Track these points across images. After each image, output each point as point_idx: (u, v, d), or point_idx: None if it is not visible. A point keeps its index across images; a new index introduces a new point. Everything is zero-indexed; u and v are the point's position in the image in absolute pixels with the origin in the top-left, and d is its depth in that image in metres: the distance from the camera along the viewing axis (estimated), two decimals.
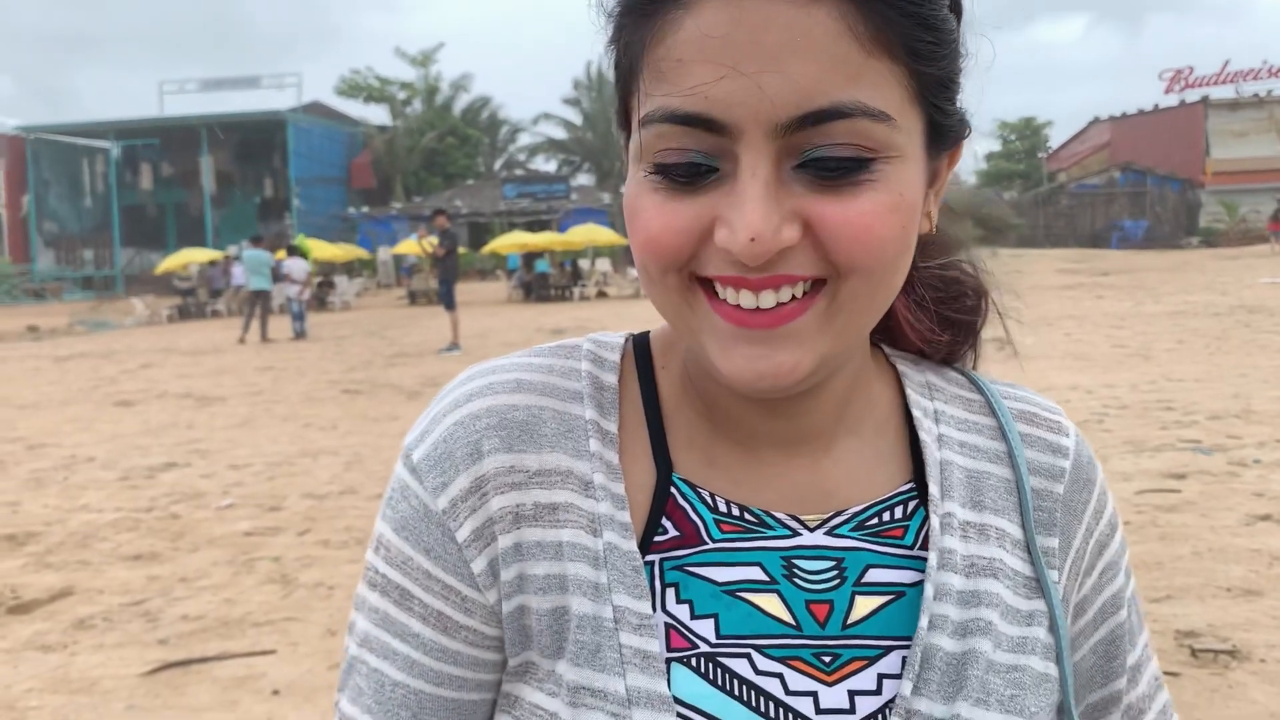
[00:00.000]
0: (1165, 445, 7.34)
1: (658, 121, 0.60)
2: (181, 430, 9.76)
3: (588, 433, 0.71)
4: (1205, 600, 4.47)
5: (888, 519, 0.72)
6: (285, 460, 8.07)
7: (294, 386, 12.58)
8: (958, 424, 0.76)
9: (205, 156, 42.09)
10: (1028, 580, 0.72)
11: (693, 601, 0.68)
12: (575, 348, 0.76)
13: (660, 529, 0.70)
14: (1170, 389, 9.73)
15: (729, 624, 0.67)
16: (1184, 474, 6.51)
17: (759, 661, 0.67)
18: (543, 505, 0.69)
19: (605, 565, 0.67)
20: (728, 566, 0.69)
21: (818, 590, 0.69)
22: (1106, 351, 12.65)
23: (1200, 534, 5.32)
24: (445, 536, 0.69)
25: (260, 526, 6.16)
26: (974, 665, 0.68)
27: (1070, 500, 0.75)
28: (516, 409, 0.70)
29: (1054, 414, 0.79)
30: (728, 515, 0.70)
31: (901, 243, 0.62)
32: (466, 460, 0.69)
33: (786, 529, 0.70)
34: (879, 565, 0.70)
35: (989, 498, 0.73)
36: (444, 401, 0.72)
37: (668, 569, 0.69)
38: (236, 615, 4.69)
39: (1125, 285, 20.40)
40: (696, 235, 0.61)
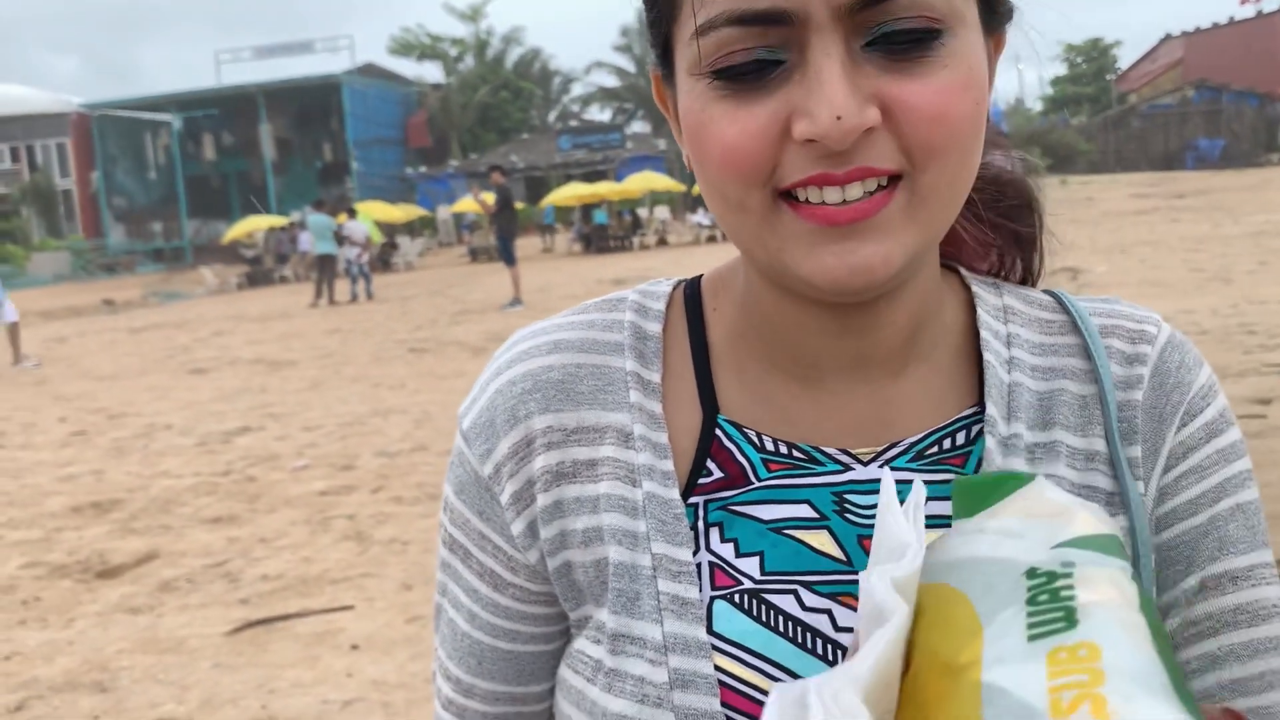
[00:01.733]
0: (1249, 370, 7.11)
1: (723, 25, 0.57)
2: (254, 395, 9.95)
3: (628, 384, 0.71)
4: None
5: (948, 446, 0.70)
6: (356, 420, 8.19)
7: (362, 347, 12.75)
8: (1031, 348, 0.73)
9: (264, 124, 42.57)
10: (1109, 496, 0.69)
11: (738, 540, 0.67)
12: (621, 300, 0.76)
13: (705, 471, 0.69)
14: (1252, 312, 9.41)
15: (775, 560, 0.66)
16: (1270, 399, 6.30)
17: (806, 598, 0.65)
18: (581, 461, 0.70)
19: (644, 514, 0.68)
20: (775, 504, 0.68)
21: (871, 525, 0.66)
22: (1184, 276, 12.28)
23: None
24: (492, 500, 0.72)
25: (334, 486, 6.26)
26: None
27: (1153, 406, 0.71)
28: (552, 369, 0.72)
29: (1139, 323, 0.74)
30: (775, 454, 0.69)
31: (975, 121, 0.61)
32: (507, 425, 0.71)
33: (838, 464, 0.69)
34: (936, 498, 0.66)
35: (1061, 415, 0.70)
36: (489, 369, 0.75)
37: (712, 510, 0.68)
38: (314, 573, 4.77)
39: (1202, 207, 19.77)
40: (776, 137, 0.59)
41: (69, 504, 6.33)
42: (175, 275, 33.82)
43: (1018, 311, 0.75)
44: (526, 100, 49.31)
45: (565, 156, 41.42)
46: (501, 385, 0.73)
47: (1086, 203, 24.72)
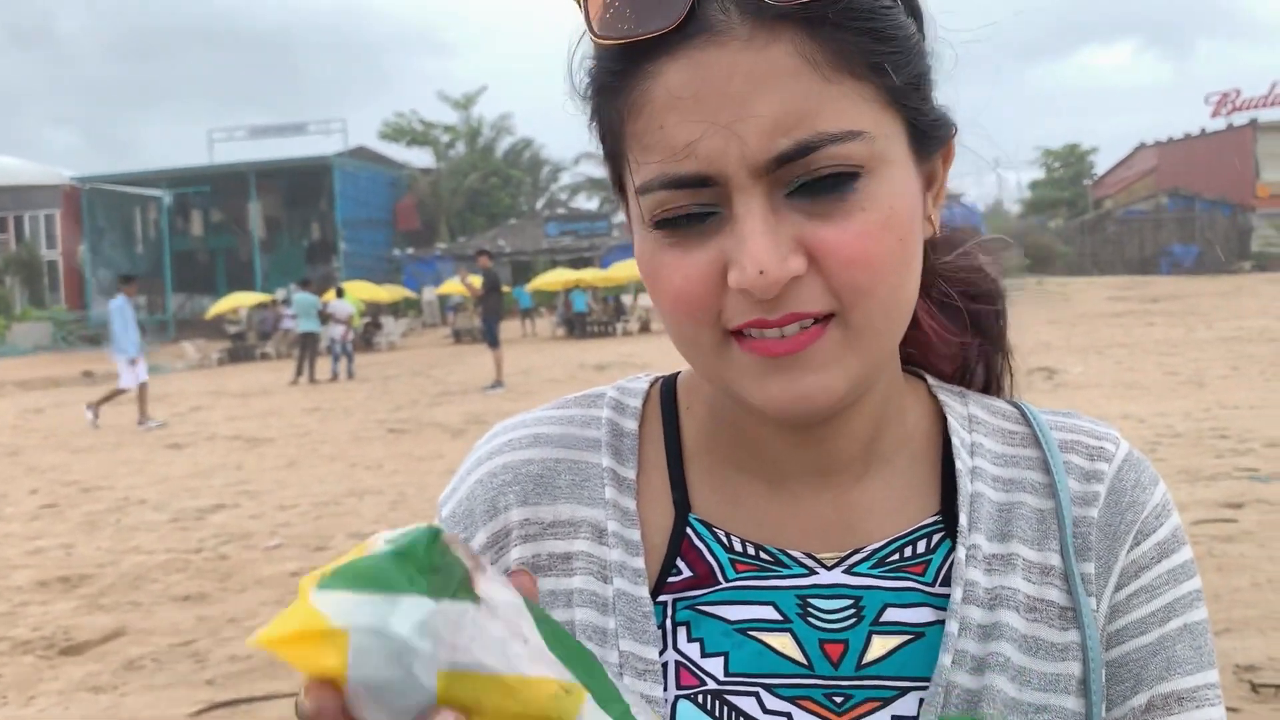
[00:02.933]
0: (1221, 474, 7.17)
1: (658, 189, 0.62)
2: (230, 471, 9.88)
3: (603, 480, 0.73)
4: (1266, 633, 4.34)
5: (909, 554, 0.71)
6: (332, 500, 8.13)
7: (340, 426, 12.69)
8: (993, 458, 0.75)
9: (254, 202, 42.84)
10: (1063, 610, 0.70)
11: (703, 640, 0.69)
12: (599, 396, 0.79)
13: (675, 569, 0.71)
14: (1225, 416, 9.52)
15: (738, 662, 0.68)
16: (1241, 503, 6.35)
17: (767, 700, 0.66)
18: (556, 555, 0.72)
19: (614, 611, 0.69)
20: (740, 605, 0.70)
21: (833, 630, 0.68)
22: (1158, 379, 12.43)
23: (1259, 564, 5.18)
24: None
25: (307, 566, 6.19)
26: (990, 703, 0.66)
27: (1108, 524, 0.73)
28: (532, 463, 0.74)
29: (1098, 439, 0.76)
30: (744, 555, 0.71)
31: (900, 258, 0.64)
32: (485, 516, 0.74)
33: (803, 567, 0.71)
34: (897, 605, 0.69)
35: (1018, 528, 0.71)
36: (471, 459, 0.77)
37: (680, 609, 0.70)
38: None
39: (1176, 311, 20.09)
40: (717, 282, 0.63)
41: (36, 578, 6.23)
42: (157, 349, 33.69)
43: (981, 421, 0.77)
44: (515, 187, 49.89)
45: (552, 242, 41.82)
46: (482, 476, 0.75)
47: (1063, 303, 25.07)
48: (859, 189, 0.62)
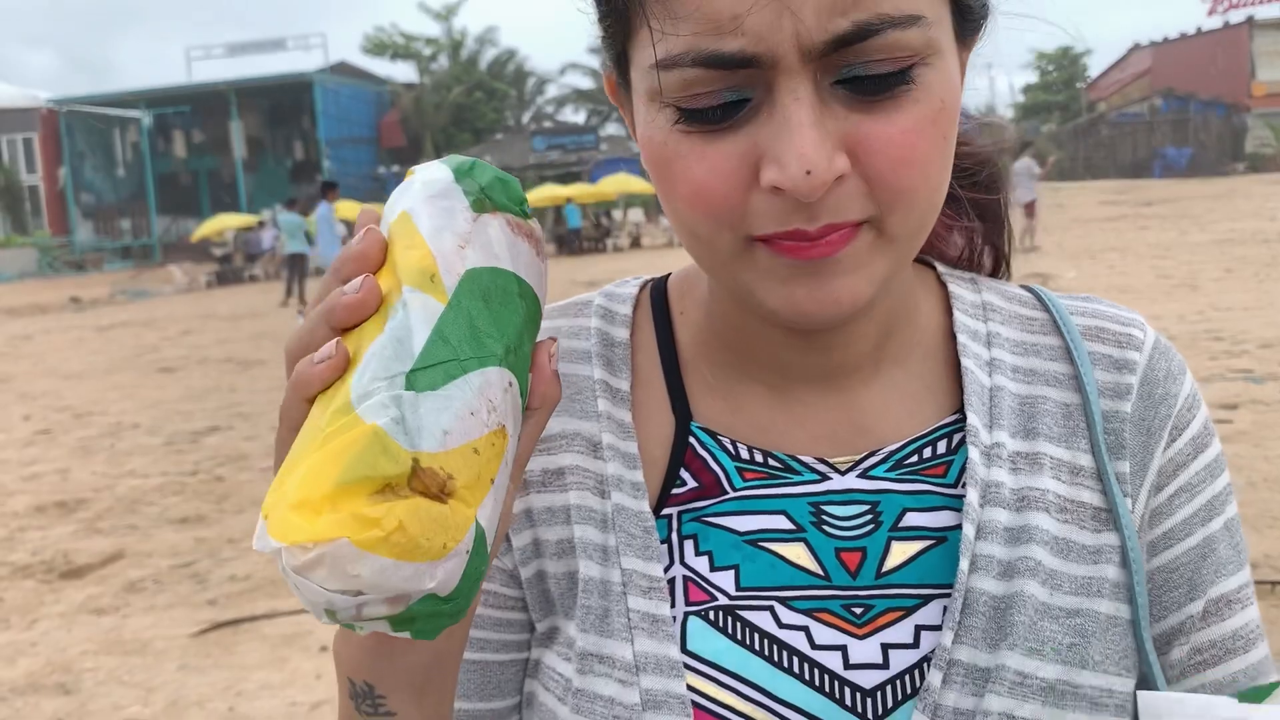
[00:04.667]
0: (1215, 375, 7.19)
1: (688, 65, 0.54)
2: (224, 394, 9.86)
3: (595, 393, 0.69)
4: (1261, 531, 4.38)
5: (929, 455, 0.67)
6: None
7: None
8: (1013, 347, 0.70)
9: (235, 122, 42.18)
10: (1096, 511, 0.66)
11: (712, 553, 0.65)
12: (586, 304, 0.74)
13: (678, 481, 0.67)
14: (1218, 318, 9.53)
15: (750, 575, 0.64)
16: (1236, 404, 6.38)
17: (783, 614, 0.63)
18: (549, 470, 0.68)
19: (613, 527, 0.65)
20: (750, 515, 0.66)
21: (849, 537, 0.64)
22: (1152, 283, 12.41)
23: (1254, 464, 5.21)
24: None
25: None
26: (1021, 609, 0.62)
27: (1142, 418, 0.68)
28: None
29: (1126, 326, 0.71)
30: (750, 462, 0.67)
31: (944, 156, 0.58)
32: None
33: (815, 473, 0.66)
34: (917, 509, 0.65)
35: (1044, 424, 0.67)
36: None
37: (685, 521, 0.66)
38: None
39: (1169, 215, 19.98)
40: (745, 180, 0.56)
41: (33, 503, 6.24)
42: (144, 273, 33.43)
43: (997, 308, 0.73)
44: (500, 101, 49.16)
45: (539, 158, 41.32)
46: None
47: (1057, 209, 24.92)
48: (914, 80, 0.55)
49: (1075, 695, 0.61)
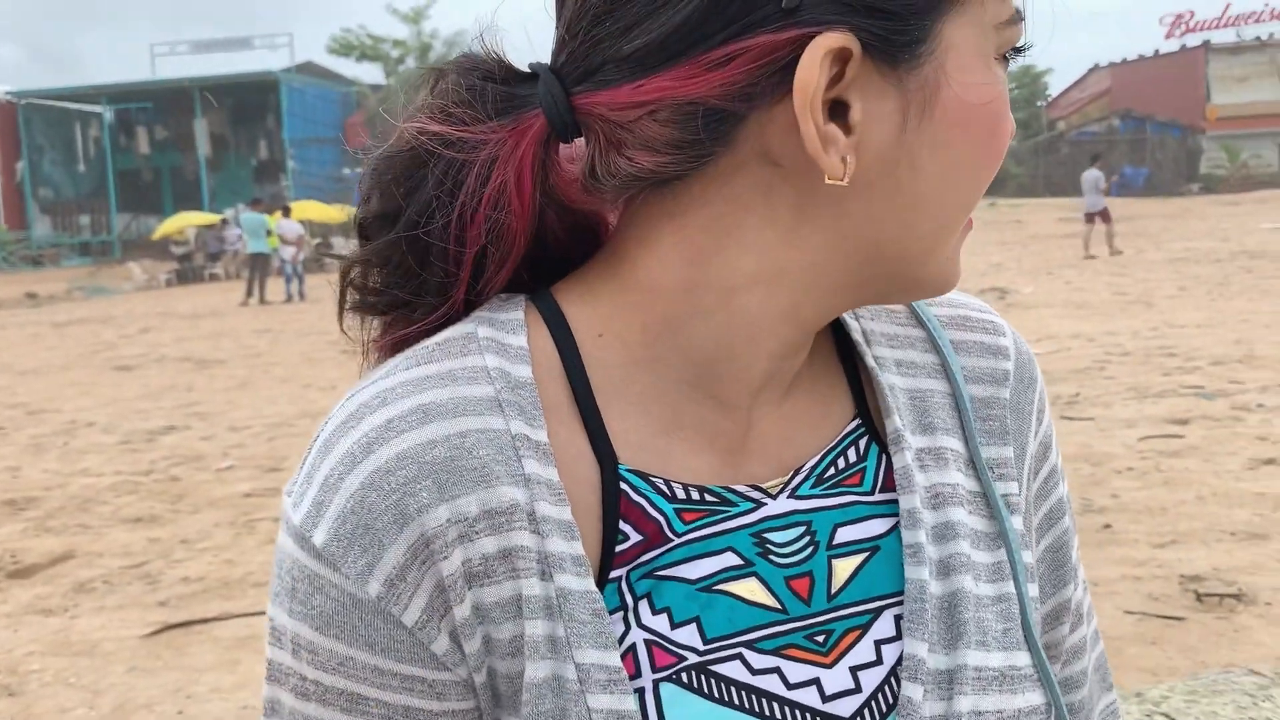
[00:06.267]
0: (1168, 391, 7.31)
1: (1018, 21, 0.59)
2: (181, 393, 9.74)
3: (518, 451, 0.58)
4: (1210, 544, 4.45)
5: (843, 465, 0.65)
6: (285, 421, 8.06)
7: (293, 348, 12.55)
8: (889, 341, 0.69)
9: (199, 119, 41.67)
10: (981, 497, 0.67)
11: (670, 608, 0.59)
12: (468, 339, 0.61)
13: (620, 536, 0.60)
14: (1172, 335, 9.69)
15: (713, 624, 0.60)
16: (1187, 419, 6.49)
17: (752, 659, 0.60)
18: (491, 556, 0.57)
19: (560, 614, 0.57)
20: (699, 560, 0.60)
21: (794, 563, 0.62)
22: (1108, 299, 12.59)
23: (1204, 478, 5.30)
24: (389, 624, 0.56)
25: (260, 488, 6.15)
26: (964, 605, 0.62)
27: (1017, 403, 0.70)
28: (435, 445, 0.57)
29: (987, 314, 0.73)
30: (688, 501, 0.61)
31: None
32: (392, 529, 0.56)
33: (750, 501, 0.62)
34: (846, 522, 0.64)
35: (937, 418, 0.67)
36: (331, 458, 0.58)
37: (635, 580, 0.59)
38: (237, 576, 4.68)
39: (1126, 233, 20.26)
40: None
41: None
42: (102, 270, 32.94)
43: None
44: None
45: None
46: (369, 479, 0.56)
47: (1016, 225, 25.22)
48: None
49: (1017, 677, 0.62)
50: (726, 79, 0.54)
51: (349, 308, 0.66)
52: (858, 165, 0.56)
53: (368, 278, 0.64)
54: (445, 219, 0.60)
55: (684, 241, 0.59)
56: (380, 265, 0.63)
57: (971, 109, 0.57)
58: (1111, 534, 4.56)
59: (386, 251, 0.62)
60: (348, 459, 0.57)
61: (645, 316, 0.62)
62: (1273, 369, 7.87)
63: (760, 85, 0.54)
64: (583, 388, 0.61)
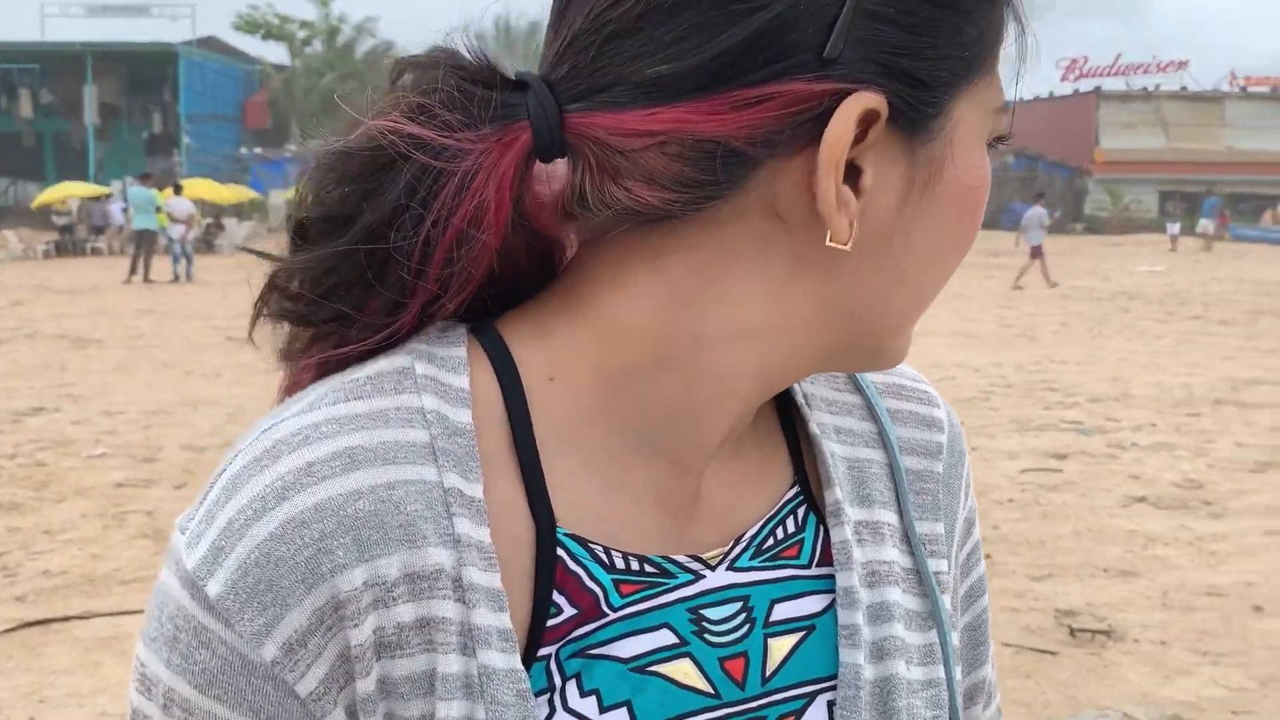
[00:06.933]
0: (1049, 425, 7.55)
1: (1007, 109, 0.58)
2: (53, 373, 9.31)
3: (449, 507, 0.52)
4: (1084, 580, 4.59)
5: (781, 536, 0.62)
6: (164, 409, 7.76)
7: (177, 331, 12.11)
8: (828, 406, 0.66)
9: (89, 85, 40.06)
10: (913, 574, 0.64)
11: (599, 691, 0.55)
12: (405, 374, 0.55)
13: (553, 608, 0.54)
14: (1054, 370, 10.02)
15: (645, 710, 0.55)
16: (1066, 454, 6.70)
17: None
18: (407, 625, 0.51)
19: (481, 696, 0.51)
20: (633, 637, 0.56)
21: (729, 643, 0.58)
22: (994, 330, 12.98)
23: (1080, 514, 5.47)
24: (280, 692, 0.50)
25: (134, 478, 5.90)
26: (897, 693, 0.60)
27: (949, 478, 0.68)
28: (360, 497, 0.51)
29: (921, 383, 0.71)
30: (627, 571, 0.56)
31: None
32: (300, 588, 0.50)
33: (689, 573, 0.58)
34: (784, 598, 0.60)
35: (875, 489, 0.64)
36: (240, 499, 0.51)
37: (565, 659, 0.54)
38: (103, 571, 4.47)
39: (1014, 266, 20.93)
40: None
41: None
42: None
43: None
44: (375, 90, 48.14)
45: None
46: (280, 529, 0.50)
47: None
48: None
49: None
50: (753, 121, 0.50)
51: (271, 314, 0.59)
52: (859, 232, 0.53)
53: (303, 285, 0.56)
54: (412, 232, 0.53)
55: (662, 285, 0.54)
56: (322, 274, 0.55)
57: (966, 190, 0.56)
58: (992, 564, 4.67)
59: (335, 261, 0.55)
60: (257, 503, 0.50)
61: (604, 363, 0.56)
62: (1145, 408, 8.21)
63: (785, 133, 0.51)
64: (525, 438, 0.56)
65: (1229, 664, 3.77)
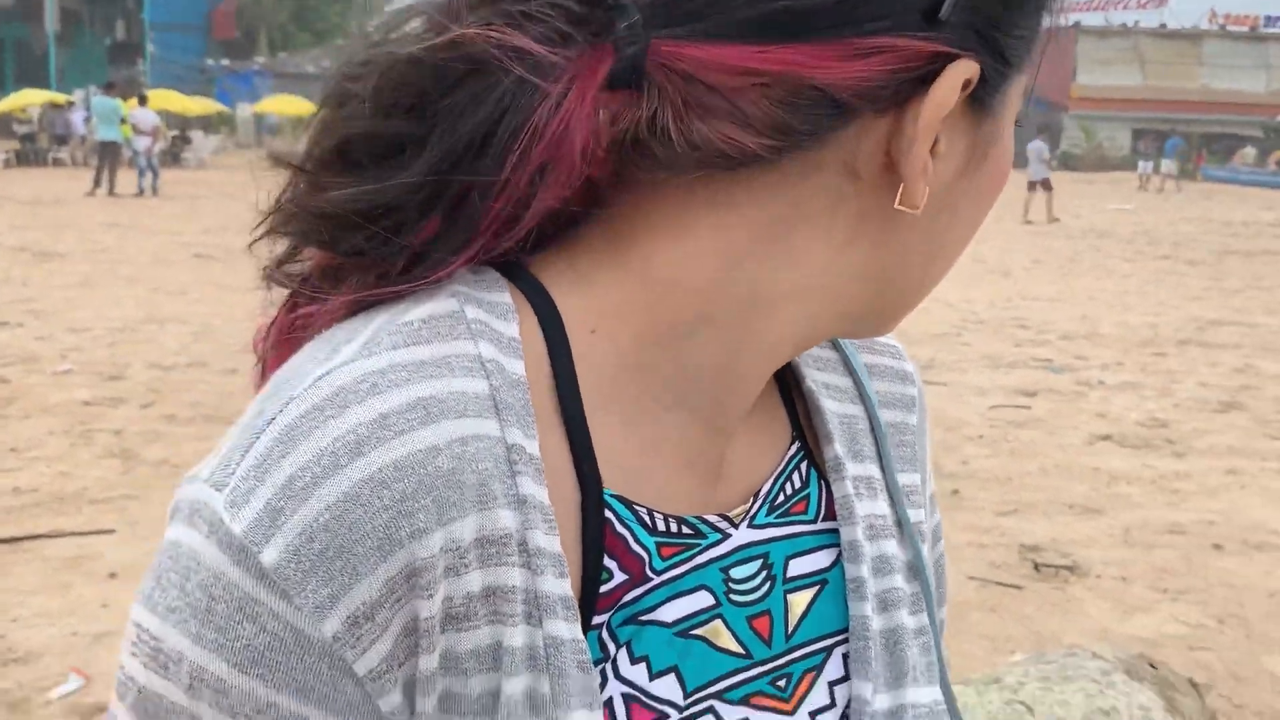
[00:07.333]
0: (1019, 362, 7.61)
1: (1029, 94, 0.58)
2: (15, 287, 9.15)
3: (513, 465, 0.49)
4: (1050, 516, 4.67)
5: (790, 492, 0.62)
6: (129, 326, 7.65)
7: (142, 246, 11.91)
8: (816, 362, 0.66)
9: None
10: (896, 525, 0.65)
11: (649, 657, 0.53)
12: (456, 319, 0.50)
13: (604, 573, 0.52)
14: (1025, 307, 10.09)
15: (691, 675, 0.55)
16: (1035, 391, 6.77)
17: (724, 711, 0.55)
18: (476, 595, 0.47)
19: (547, 669, 0.49)
20: (676, 600, 0.55)
21: (754, 601, 0.58)
22: (967, 266, 13.01)
23: (1048, 451, 5.55)
24: (336, 670, 0.45)
25: (100, 396, 5.84)
26: (904, 642, 0.61)
27: (920, 430, 0.70)
28: (438, 453, 0.46)
29: (889, 338, 0.72)
30: (667, 534, 0.55)
31: None
32: (375, 555, 0.45)
33: (718, 532, 0.57)
34: (797, 554, 0.60)
35: (863, 445, 0.65)
36: (302, 453, 0.45)
37: (617, 626, 0.53)
38: (71, 490, 4.43)
39: None
40: None
41: None
42: None
43: None
44: (346, 4, 47.02)
45: None
46: (354, 489, 0.45)
47: None
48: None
49: (939, 712, 0.62)
50: (864, 73, 0.48)
51: (291, 234, 0.55)
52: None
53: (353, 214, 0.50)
54: (497, 159, 0.48)
55: (723, 239, 0.52)
56: (380, 207, 0.49)
57: (1000, 168, 0.57)
58: (959, 499, 4.74)
59: (401, 192, 0.49)
60: (327, 459, 0.45)
61: (648, 317, 0.53)
62: (1113, 348, 8.29)
63: (889, 89, 0.49)
64: (571, 393, 0.52)
65: (1188, 601, 3.86)
